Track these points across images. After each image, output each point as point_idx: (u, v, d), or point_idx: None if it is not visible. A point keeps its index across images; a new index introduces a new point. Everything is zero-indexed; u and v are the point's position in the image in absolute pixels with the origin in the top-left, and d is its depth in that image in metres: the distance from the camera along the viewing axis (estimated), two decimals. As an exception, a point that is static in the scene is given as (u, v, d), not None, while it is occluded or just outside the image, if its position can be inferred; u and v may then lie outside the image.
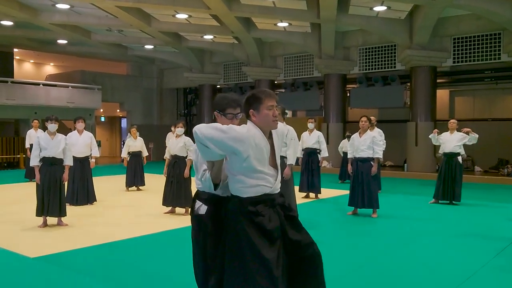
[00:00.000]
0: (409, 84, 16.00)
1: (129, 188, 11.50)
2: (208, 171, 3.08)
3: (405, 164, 16.01)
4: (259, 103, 2.86)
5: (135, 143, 11.45)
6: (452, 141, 9.23)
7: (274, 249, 2.79)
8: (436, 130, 9.58)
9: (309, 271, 2.94)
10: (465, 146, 9.35)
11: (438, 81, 15.73)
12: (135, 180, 11.41)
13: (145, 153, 11.62)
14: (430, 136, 9.66)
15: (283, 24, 15.72)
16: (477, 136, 8.99)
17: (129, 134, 11.66)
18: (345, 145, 12.52)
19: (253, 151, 2.78)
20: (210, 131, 2.76)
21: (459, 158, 9.29)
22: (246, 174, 2.81)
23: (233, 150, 2.76)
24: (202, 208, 3.18)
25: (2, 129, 20.41)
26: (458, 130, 9.30)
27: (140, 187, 11.61)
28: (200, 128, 2.78)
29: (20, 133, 19.27)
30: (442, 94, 17.05)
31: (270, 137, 2.94)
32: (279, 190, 2.96)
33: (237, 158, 2.79)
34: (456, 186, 9.21)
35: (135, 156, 11.42)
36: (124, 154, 11.52)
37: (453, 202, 9.29)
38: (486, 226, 7.32)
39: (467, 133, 9.03)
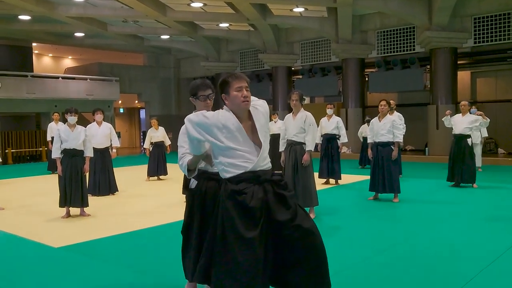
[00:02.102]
0: (429, 66, 15.70)
1: (150, 178, 11.61)
2: (186, 155, 3.36)
3: (426, 148, 15.79)
4: (228, 86, 2.97)
5: (156, 134, 11.60)
6: (463, 123, 9.10)
7: (257, 227, 2.82)
8: (448, 111, 9.40)
9: (300, 253, 2.91)
10: (488, 127, 9.19)
11: (459, 62, 15.38)
12: (158, 170, 11.53)
13: (167, 142, 11.78)
14: (443, 119, 9.51)
15: (299, 10, 15.55)
16: (488, 120, 8.87)
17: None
18: (364, 130, 12.38)
19: (221, 131, 2.91)
20: (188, 126, 3.03)
21: (469, 141, 9.16)
22: (224, 154, 2.94)
23: (202, 134, 2.94)
24: (193, 183, 3.57)
25: (24, 123, 20.75)
26: (482, 111, 9.15)
27: (161, 177, 11.71)
28: (187, 121, 3.06)
29: (41, 126, 19.57)
30: (463, 76, 16.71)
31: (250, 117, 3.00)
32: (266, 166, 2.97)
33: (213, 142, 2.93)
34: (467, 169, 9.09)
35: (158, 146, 11.55)
36: (146, 145, 11.70)
37: (461, 184, 9.20)
38: (510, 209, 7.18)
39: (480, 115, 8.89)
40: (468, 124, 9.05)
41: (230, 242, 2.82)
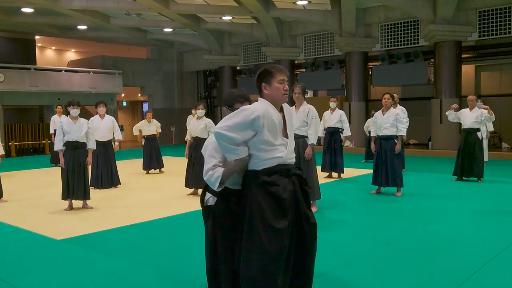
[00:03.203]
0: (432, 60, 15.61)
1: (150, 171, 11.63)
2: (217, 167, 3.07)
3: (430, 142, 15.74)
4: (271, 77, 3.01)
5: (149, 127, 11.62)
6: (471, 117, 9.04)
7: (286, 218, 2.91)
8: (455, 105, 9.35)
9: (308, 246, 3.06)
10: (492, 122, 9.13)
11: (463, 56, 15.28)
12: (151, 163, 11.55)
13: (159, 130, 11.91)
14: (447, 113, 9.45)
15: (302, 2, 15.46)
16: (493, 116, 8.82)
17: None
18: (371, 125, 12.31)
19: (266, 122, 2.90)
20: (224, 123, 2.92)
21: (479, 134, 9.11)
22: (259, 148, 2.93)
23: (251, 127, 2.88)
24: (211, 199, 3.27)
25: (27, 116, 20.77)
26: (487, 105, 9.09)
27: (162, 170, 11.72)
28: (216, 129, 2.95)
29: (44, 119, 19.59)
30: (467, 70, 16.60)
31: (281, 110, 3.09)
32: (293, 160, 3.05)
33: (256, 134, 2.91)
34: (475, 163, 9.05)
35: (150, 140, 11.58)
36: (135, 133, 11.91)
37: (470, 178, 9.12)
38: (515, 203, 7.16)
39: (486, 109, 8.84)
40: (476, 118, 9.00)
41: (258, 230, 2.88)
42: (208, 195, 3.31)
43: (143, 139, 11.64)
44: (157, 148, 11.67)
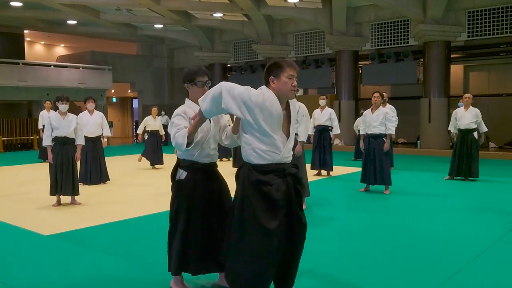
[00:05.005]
0: (422, 59, 15.74)
1: (142, 167, 11.58)
2: (183, 129, 3.22)
3: (418, 141, 15.87)
4: (280, 70, 2.93)
5: (154, 122, 11.67)
6: (466, 117, 9.07)
7: (278, 219, 2.88)
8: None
9: (296, 247, 3.07)
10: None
11: (452, 56, 15.43)
12: (154, 158, 11.52)
13: (162, 132, 11.80)
14: (451, 133, 9.61)
15: (293, 0, 15.49)
16: (485, 128, 9.00)
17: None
18: (360, 123, 12.37)
19: (263, 113, 2.85)
20: (232, 87, 2.89)
21: (475, 134, 9.15)
22: (257, 138, 2.89)
23: (244, 102, 2.82)
24: (182, 174, 3.44)
25: (16, 111, 20.58)
26: (474, 105, 9.14)
27: (156, 166, 11.69)
28: (225, 85, 2.91)
29: (33, 114, 19.44)
30: (456, 70, 16.76)
31: (287, 107, 3.04)
32: (289, 158, 3.02)
33: (249, 120, 2.87)
34: (473, 162, 9.10)
35: (154, 134, 11.57)
36: (139, 131, 11.74)
37: (469, 178, 9.18)
38: (501, 202, 7.23)
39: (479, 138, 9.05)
40: (472, 118, 9.01)
41: (248, 229, 2.86)
42: (180, 171, 3.44)
43: (146, 134, 11.60)
44: (160, 143, 11.68)
